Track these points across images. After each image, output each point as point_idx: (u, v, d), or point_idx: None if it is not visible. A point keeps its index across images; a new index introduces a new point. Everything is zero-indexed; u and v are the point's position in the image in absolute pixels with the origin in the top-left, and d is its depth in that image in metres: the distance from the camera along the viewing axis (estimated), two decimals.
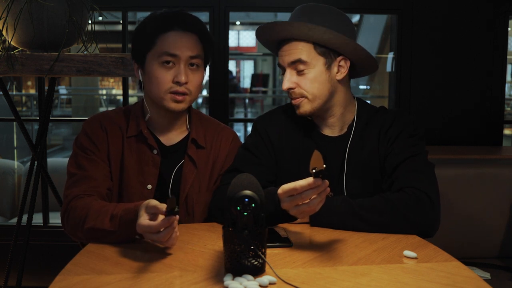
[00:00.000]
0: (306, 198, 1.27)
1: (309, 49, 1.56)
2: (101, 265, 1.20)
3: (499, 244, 2.32)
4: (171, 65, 1.57)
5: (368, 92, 8.61)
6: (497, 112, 3.02)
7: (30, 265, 2.86)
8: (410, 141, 1.58)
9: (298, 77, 1.57)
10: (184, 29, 1.58)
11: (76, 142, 1.63)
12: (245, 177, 1.17)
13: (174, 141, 1.69)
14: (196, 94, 1.63)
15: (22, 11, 1.78)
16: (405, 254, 1.26)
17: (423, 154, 1.57)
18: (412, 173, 1.51)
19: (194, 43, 1.59)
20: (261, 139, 1.68)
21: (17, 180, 3.52)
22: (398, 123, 1.61)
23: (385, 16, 6.20)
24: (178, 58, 1.56)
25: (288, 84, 1.58)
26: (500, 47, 2.98)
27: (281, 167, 1.66)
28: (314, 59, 1.56)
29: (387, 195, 1.47)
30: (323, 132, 1.66)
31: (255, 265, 1.12)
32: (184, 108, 1.62)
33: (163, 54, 1.56)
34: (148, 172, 1.62)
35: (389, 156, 1.58)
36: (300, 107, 1.60)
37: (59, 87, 11.49)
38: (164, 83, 1.57)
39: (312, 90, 1.57)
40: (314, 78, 1.57)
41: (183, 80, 1.56)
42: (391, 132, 1.60)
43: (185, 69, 1.57)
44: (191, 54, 1.58)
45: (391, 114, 1.64)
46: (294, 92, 1.58)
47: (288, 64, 1.58)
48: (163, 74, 1.57)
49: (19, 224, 2.22)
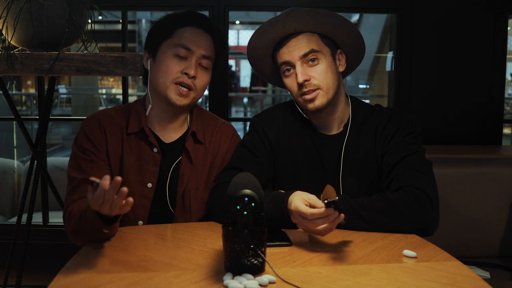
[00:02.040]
0: (316, 225, 1.29)
1: (317, 40, 1.59)
2: (100, 264, 1.20)
3: (499, 244, 2.32)
4: (183, 59, 1.60)
5: (367, 92, 8.61)
6: (496, 111, 3.02)
7: (29, 264, 2.86)
8: (407, 139, 1.58)
9: (310, 69, 1.57)
10: (203, 27, 1.63)
11: (75, 143, 1.62)
12: (245, 176, 1.17)
13: (173, 138, 1.69)
14: (200, 93, 1.64)
15: (22, 10, 1.78)
16: (405, 254, 1.26)
17: (420, 152, 1.57)
18: (410, 172, 1.51)
19: (209, 44, 1.63)
20: (259, 137, 1.68)
21: (16, 180, 3.52)
22: (394, 121, 1.61)
23: (385, 15, 6.20)
24: (192, 53, 1.60)
25: (303, 77, 1.56)
26: (500, 47, 2.98)
27: (279, 165, 1.66)
28: (323, 49, 1.59)
29: (387, 195, 1.47)
30: (320, 131, 1.66)
31: (255, 264, 1.12)
32: (186, 104, 1.62)
33: (178, 46, 1.59)
34: (148, 170, 1.62)
35: (387, 155, 1.58)
36: (316, 100, 1.57)
37: (58, 87, 11.48)
38: (172, 72, 1.59)
39: (327, 81, 1.57)
40: (326, 68, 1.58)
41: (192, 73, 1.58)
42: (388, 130, 1.60)
43: (195, 64, 1.60)
44: (204, 53, 1.61)
45: (387, 113, 1.64)
46: (309, 83, 1.56)
47: (300, 57, 1.57)
48: (173, 64, 1.59)
49: (18, 223, 2.22)
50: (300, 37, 1.57)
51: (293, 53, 1.57)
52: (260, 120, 1.72)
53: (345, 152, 1.61)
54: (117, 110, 1.69)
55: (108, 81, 16.53)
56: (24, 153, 5.31)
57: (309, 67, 1.57)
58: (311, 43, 1.57)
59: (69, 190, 1.56)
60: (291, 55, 1.57)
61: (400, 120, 1.62)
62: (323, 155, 1.63)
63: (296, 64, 1.57)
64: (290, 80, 1.60)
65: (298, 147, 1.65)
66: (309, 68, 1.57)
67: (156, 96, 1.65)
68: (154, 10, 3.05)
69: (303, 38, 1.57)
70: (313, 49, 1.56)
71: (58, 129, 9.77)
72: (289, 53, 1.58)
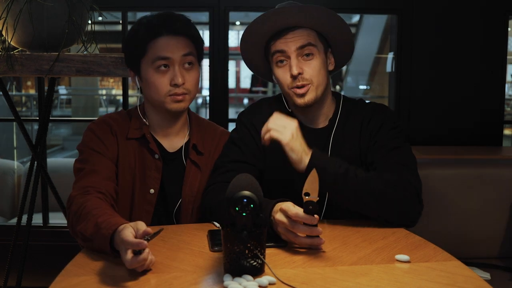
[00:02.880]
0: (297, 231, 1.28)
1: (315, 36, 1.60)
2: (101, 266, 1.20)
3: (499, 244, 2.31)
4: (166, 69, 1.58)
5: (368, 92, 8.62)
6: (497, 112, 3.02)
7: (30, 265, 2.85)
8: (392, 133, 1.61)
9: (304, 63, 1.58)
10: (174, 33, 1.59)
11: (83, 143, 1.61)
12: (244, 177, 1.17)
13: (176, 146, 1.70)
14: (194, 92, 1.64)
15: (21, 11, 1.78)
16: (398, 258, 1.24)
17: (407, 145, 1.61)
18: (399, 166, 1.53)
19: (185, 44, 1.61)
20: (247, 130, 1.68)
21: (17, 180, 3.52)
22: (378, 116, 1.64)
23: (385, 16, 6.20)
24: (172, 60, 1.58)
25: (298, 69, 1.57)
26: (500, 47, 2.98)
27: (267, 158, 1.67)
28: (319, 44, 1.61)
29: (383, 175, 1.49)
30: (306, 124, 1.67)
31: (254, 265, 1.12)
32: (185, 107, 1.63)
33: (156, 59, 1.58)
34: (151, 176, 1.63)
35: (373, 148, 1.60)
36: (306, 95, 1.58)
37: (58, 87, 11.49)
38: (162, 88, 1.58)
39: (318, 77, 1.59)
40: (320, 64, 1.59)
41: (180, 82, 1.57)
42: (372, 125, 1.63)
43: (180, 70, 1.59)
44: (183, 52, 1.59)
45: (371, 107, 1.68)
46: (303, 77, 1.57)
47: (297, 49, 1.57)
48: (159, 79, 1.58)
49: (19, 224, 2.22)
50: (299, 30, 1.58)
51: (289, 44, 1.58)
52: (247, 114, 1.72)
53: (332, 146, 1.63)
54: (122, 115, 1.69)
55: (108, 82, 16.53)
56: (24, 154, 5.31)
57: (304, 61, 1.58)
58: (309, 36, 1.59)
59: (76, 179, 1.54)
60: (288, 45, 1.58)
61: (384, 114, 1.65)
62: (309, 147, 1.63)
63: (292, 56, 1.58)
64: (282, 71, 1.60)
65: None
66: (303, 61, 1.58)
67: (154, 108, 1.66)
68: (154, 10, 3.06)
69: (303, 32, 1.58)
70: (310, 42, 1.58)
71: (58, 130, 9.77)
72: (286, 43, 1.58)
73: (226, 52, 2.99)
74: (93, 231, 1.27)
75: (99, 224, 1.25)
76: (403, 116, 2.98)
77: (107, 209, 1.35)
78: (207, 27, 2.90)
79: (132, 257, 1.12)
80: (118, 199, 1.59)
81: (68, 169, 3.26)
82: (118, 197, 1.59)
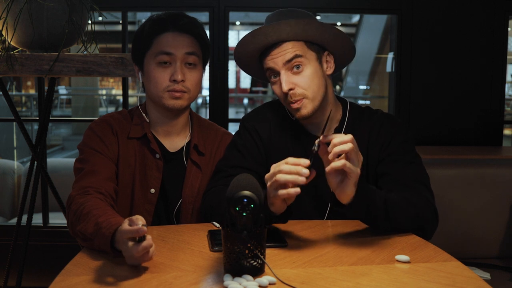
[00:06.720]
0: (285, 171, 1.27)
1: (302, 46, 1.56)
2: (101, 266, 1.20)
3: (499, 244, 2.32)
4: (168, 65, 1.59)
5: (368, 92, 8.62)
6: (497, 112, 3.02)
7: (30, 265, 2.85)
8: (405, 145, 1.59)
9: (295, 76, 1.55)
10: (180, 30, 1.60)
11: (83, 143, 1.61)
12: (244, 177, 1.17)
13: (177, 146, 1.70)
14: (195, 92, 1.64)
15: (21, 11, 1.78)
16: (398, 259, 1.24)
17: (420, 160, 1.60)
18: (417, 184, 1.52)
19: (190, 42, 1.61)
20: (251, 136, 1.67)
21: (16, 180, 3.52)
22: (389, 127, 1.62)
23: (385, 16, 6.20)
24: (174, 56, 1.59)
25: (288, 85, 1.54)
26: (500, 47, 2.98)
27: (270, 165, 1.66)
28: (308, 53, 1.56)
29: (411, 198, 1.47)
30: (311, 132, 1.65)
31: (254, 265, 1.12)
32: (183, 105, 1.63)
33: (159, 53, 1.59)
34: (151, 176, 1.63)
35: (386, 161, 1.58)
36: (301, 109, 1.56)
37: (58, 87, 11.50)
38: (161, 82, 1.59)
39: (312, 87, 1.55)
40: (312, 74, 1.55)
41: (179, 78, 1.58)
42: (383, 137, 1.60)
43: (181, 67, 1.59)
44: (186, 50, 1.59)
45: (378, 118, 1.64)
46: (294, 93, 1.54)
47: (284, 64, 1.54)
48: (160, 73, 1.59)
49: (18, 224, 2.22)
50: (284, 44, 1.55)
51: (276, 60, 1.55)
52: (251, 119, 1.71)
53: None
54: (124, 115, 1.69)
55: (108, 82, 16.55)
56: (24, 154, 5.31)
57: (294, 75, 1.55)
58: (295, 48, 1.54)
59: (76, 179, 1.54)
60: (275, 62, 1.55)
61: (393, 126, 1.62)
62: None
63: (281, 71, 1.55)
64: (277, 87, 1.59)
65: (289, 147, 1.64)
66: (293, 76, 1.55)
67: (154, 105, 1.67)
68: (154, 10, 3.05)
69: (287, 45, 1.55)
70: (296, 54, 1.54)
71: (58, 130, 9.78)
72: (272, 60, 1.56)
73: (226, 52, 2.99)
74: (94, 230, 1.27)
75: (100, 224, 1.25)
76: (403, 116, 2.98)
77: (107, 210, 1.35)
78: (207, 27, 2.90)
79: (134, 244, 1.12)
80: (118, 198, 1.59)
81: (68, 169, 3.27)
82: (118, 196, 1.59)
